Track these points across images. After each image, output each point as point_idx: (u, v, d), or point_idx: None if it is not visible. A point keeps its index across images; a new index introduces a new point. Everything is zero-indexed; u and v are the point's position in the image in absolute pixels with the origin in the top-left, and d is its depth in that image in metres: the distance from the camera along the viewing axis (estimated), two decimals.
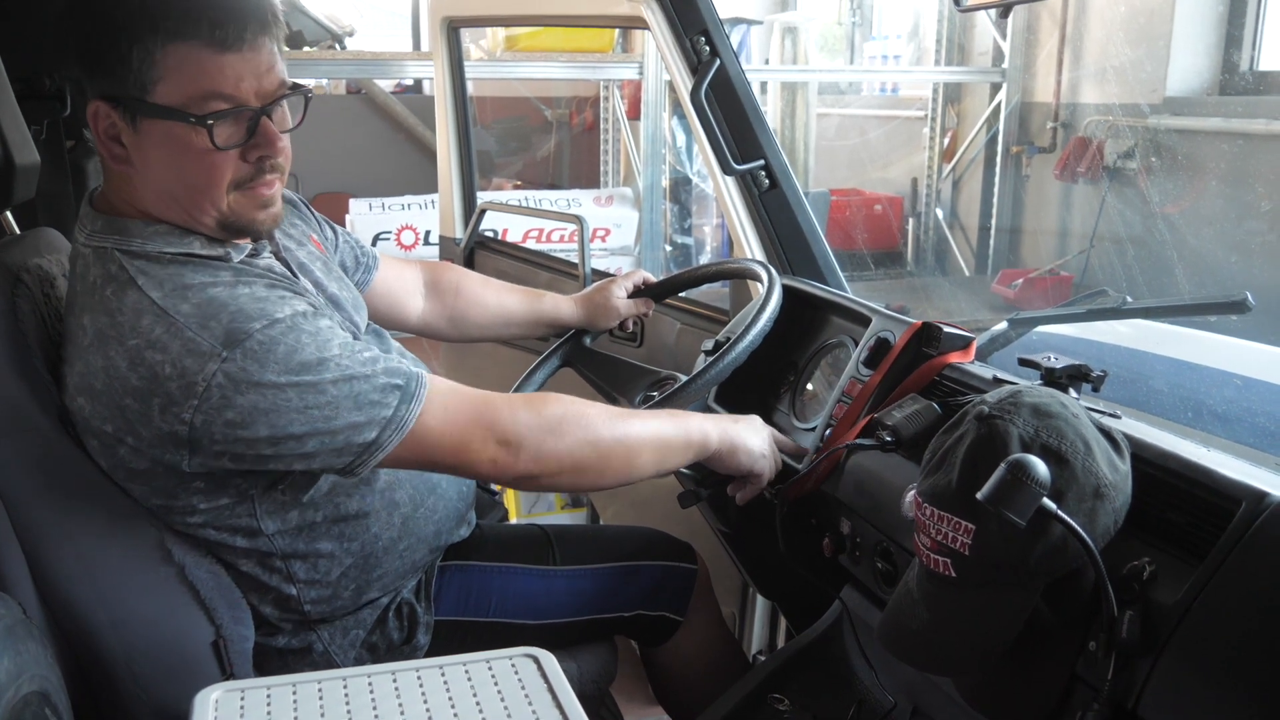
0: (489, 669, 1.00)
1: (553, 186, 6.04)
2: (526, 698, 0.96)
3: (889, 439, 1.23)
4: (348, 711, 0.94)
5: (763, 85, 5.70)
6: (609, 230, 5.07)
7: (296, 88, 1.16)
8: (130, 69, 1.09)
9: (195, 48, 1.08)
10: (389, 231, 4.88)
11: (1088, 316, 1.69)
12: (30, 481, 1.17)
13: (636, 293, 1.73)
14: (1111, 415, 1.08)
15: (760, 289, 1.50)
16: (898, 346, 1.38)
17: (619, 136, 5.71)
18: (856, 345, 1.47)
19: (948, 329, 1.35)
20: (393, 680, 0.99)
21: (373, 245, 4.95)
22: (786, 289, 1.55)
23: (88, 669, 1.20)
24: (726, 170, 1.74)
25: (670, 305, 1.97)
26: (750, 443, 1.36)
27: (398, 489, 1.33)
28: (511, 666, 1.01)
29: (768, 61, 5.98)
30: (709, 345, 1.54)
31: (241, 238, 1.22)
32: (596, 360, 1.69)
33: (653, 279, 1.75)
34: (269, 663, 1.34)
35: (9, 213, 1.81)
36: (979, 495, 0.90)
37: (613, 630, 1.54)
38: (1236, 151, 4.15)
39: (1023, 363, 1.19)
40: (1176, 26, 4.37)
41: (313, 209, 1.50)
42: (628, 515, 2.16)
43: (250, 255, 1.23)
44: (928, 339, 1.36)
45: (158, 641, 1.22)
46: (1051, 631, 0.97)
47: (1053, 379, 1.12)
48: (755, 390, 1.66)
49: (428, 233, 4.83)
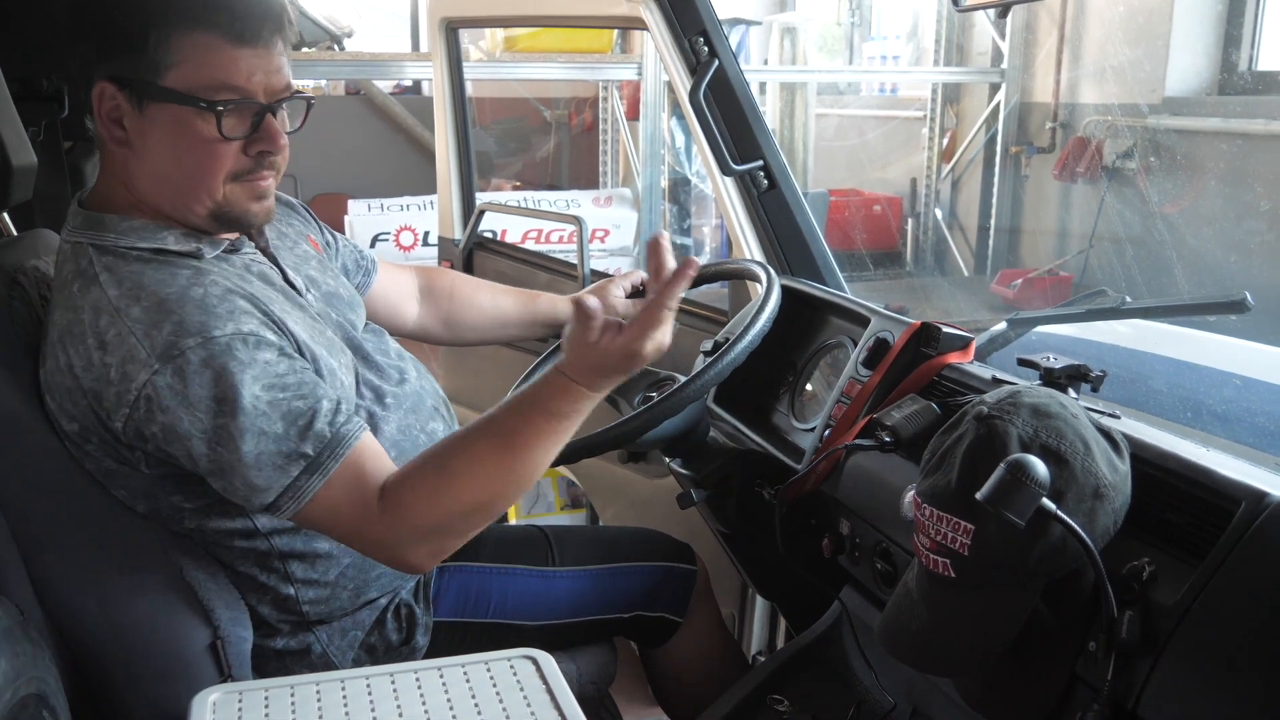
0: (487, 670, 1.00)
1: (552, 187, 6.04)
2: (525, 699, 0.96)
3: (888, 439, 1.23)
4: (346, 713, 0.94)
5: (761, 86, 5.70)
6: (608, 231, 5.07)
7: (299, 94, 1.19)
8: (146, 52, 1.10)
9: (214, 38, 1.11)
10: (388, 232, 4.87)
11: (1087, 316, 1.68)
12: (26, 484, 1.17)
13: (635, 293, 1.72)
14: (1111, 415, 1.08)
15: (759, 289, 1.50)
16: (897, 347, 1.38)
17: (618, 137, 5.71)
18: (855, 346, 1.47)
19: (947, 329, 1.35)
20: (391, 682, 0.99)
21: (371, 246, 4.96)
22: (785, 289, 1.54)
23: (85, 671, 1.19)
24: (725, 171, 1.73)
25: None
26: (606, 369, 1.15)
27: None
28: (510, 668, 1.01)
29: (766, 62, 5.98)
30: (708, 346, 1.54)
31: (232, 230, 1.22)
32: None
33: None
34: (267, 664, 1.33)
35: (6, 214, 1.81)
36: (978, 495, 0.90)
37: (612, 631, 1.54)
38: (1236, 151, 4.15)
39: (1022, 363, 1.19)
40: (1175, 26, 4.37)
41: (310, 212, 1.51)
42: (627, 516, 2.15)
43: (228, 250, 1.23)
44: (927, 339, 1.36)
45: (155, 643, 1.21)
46: (1051, 632, 0.97)
47: (1052, 379, 1.12)
48: (754, 391, 1.66)
49: (426, 233, 4.83)
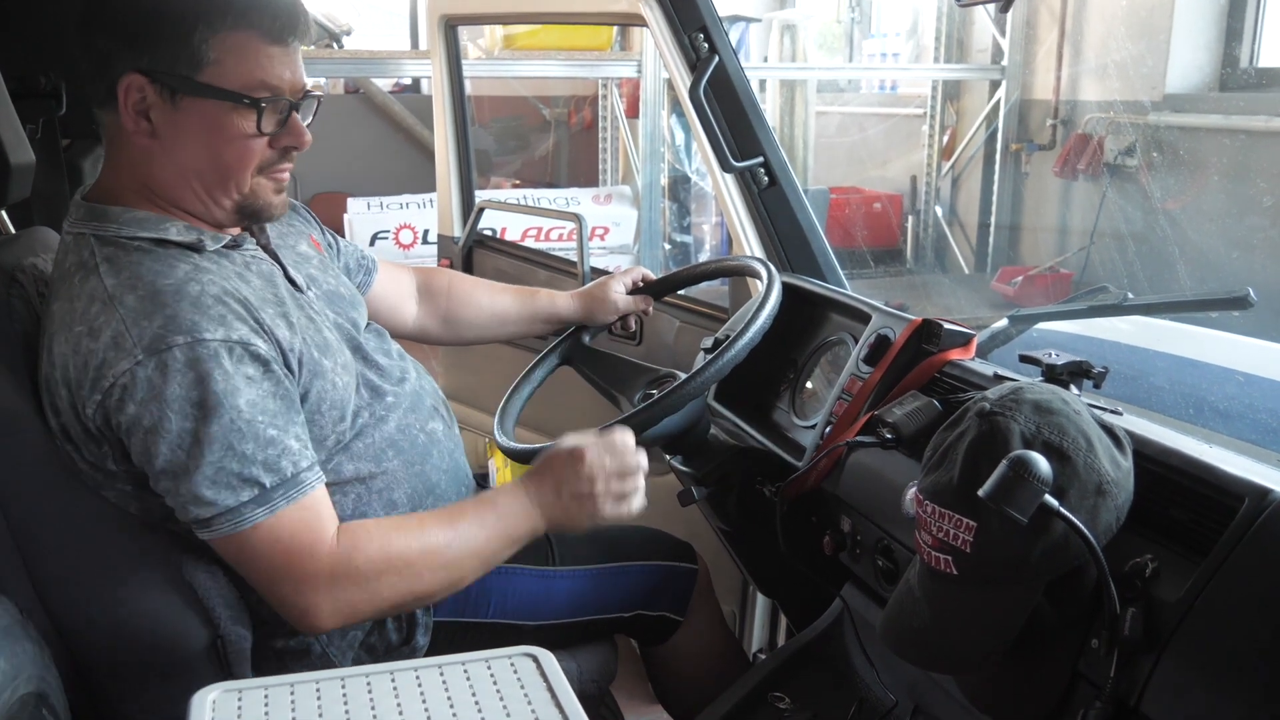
0: (488, 668, 1.00)
1: (551, 185, 6.04)
2: (526, 697, 0.96)
3: (889, 436, 1.23)
4: (346, 712, 0.93)
5: (761, 83, 5.69)
6: (608, 229, 5.07)
7: (313, 92, 1.23)
8: (189, 48, 1.13)
9: (254, 37, 1.15)
10: (387, 230, 4.87)
11: (1089, 313, 1.68)
12: (25, 482, 1.16)
13: (635, 290, 1.72)
14: (1113, 412, 1.07)
15: (759, 286, 1.49)
16: (898, 343, 1.37)
17: (617, 135, 5.71)
18: (856, 342, 1.47)
19: (948, 326, 1.34)
20: (391, 680, 0.98)
21: (371, 245, 4.96)
22: (786, 286, 1.54)
23: (85, 670, 1.19)
24: (725, 168, 1.73)
25: (669, 303, 1.96)
26: (574, 525, 1.28)
27: (396, 489, 1.33)
28: (511, 666, 1.00)
29: (766, 59, 5.98)
30: (708, 343, 1.54)
31: (252, 221, 1.26)
32: (595, 358, 1.68)
33: (652, 276, 1.74)
34: (267, 663, 1.33)
35: (4, 212, 1.81)
36: (981, 492, 0.90)
37: (613, 630, 1.54)
38: (1238, 147, 4.14)
39: (1024, 359, 1.19)
40: (1176, 22, 4.36)
41: (311, 213, 1.52)
42: None
43: (230, 246, 1.24)
44: (928, 336, 1.36)
45: (155, 642, 1.21)
46: (1053, 629, 0.96)
47: (1054, 376, 1.12)
48: (755, 388, 1.66)
49: (426, 232, 4.83)
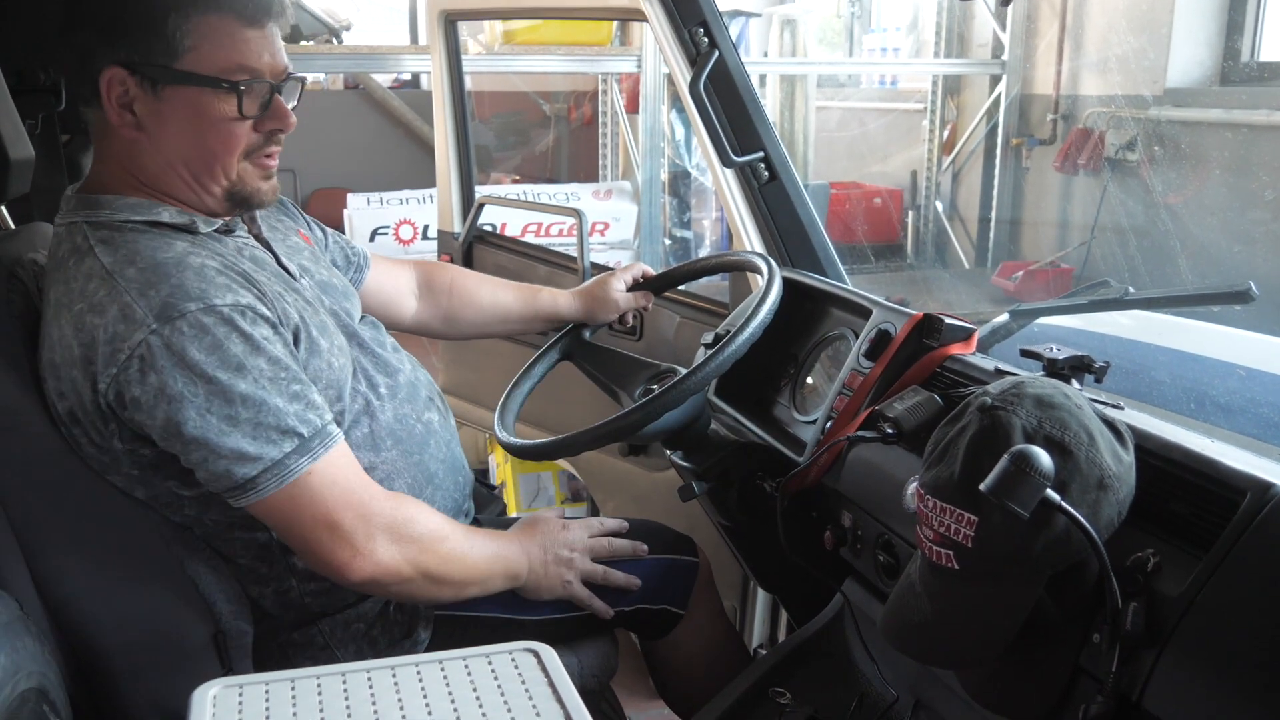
0: (489, 663, 1.00)
1: (551, 181, 6.03)
2: (527, 692, 0.96)
3: (890, 431, 1.23)
4: (347, 706, 0.93)
5: (761, 78, 5.68)
6: (608, 224, 5.06)
7: (295, 74, 1.24)
8: (164, 36, 1.13)
9: (228, 20, 1.15)
10: (387, 226, 4.86)
11: (1090, 307, 1.67)
12: (25, 477, 1.16)
13: (635, 286, 1.72)
14: (1114, 406, 1.07)
15: (760, 281, 1.49)
16: (899, 338, 1.37)
17: (617, 130, 5.70)
18: (857, 337, 1.47)
19: (949, 320, 1.34)
20: (392, 675, 0.98)
21: (371, 241, 4.95)
22: (786, 281, 1.54)
23: (86, 665, 1.19)
24: (726, 163, 1.73)
25: (670, 298, 1.96)
26: (548, 583, 1.39)
27: (396, 479, 1.33)
28: (511, 661, 1.00)
29: (766, 54, 5.97)
30: (709, 338, 1.54)
31: (242, 209, 1.26)
32: (596, 354, 1.68)
33: (652, 272, 1.74)
34: (269, 657, 1.33)
35: (3, 207, 1.80)
36: (982, 487, 0.90)
37: (614, 624, 1.54)
38: (1240, 141, 4.13)
39: (1025, 354, 1.19)
40: (1177, 16, 4.35)
41: (299, 209, 1.53)
42: (629, 509, 2.15)
43: (222, 231, 1.24)
44: (929, 331, 1.36)
45: (156, 636, 1.21)
46: (1055, 624, 0.96)
47: (1055, 370, 1.12)
48: (755, 383, 1.65)
49: (426, 227, 4.82)
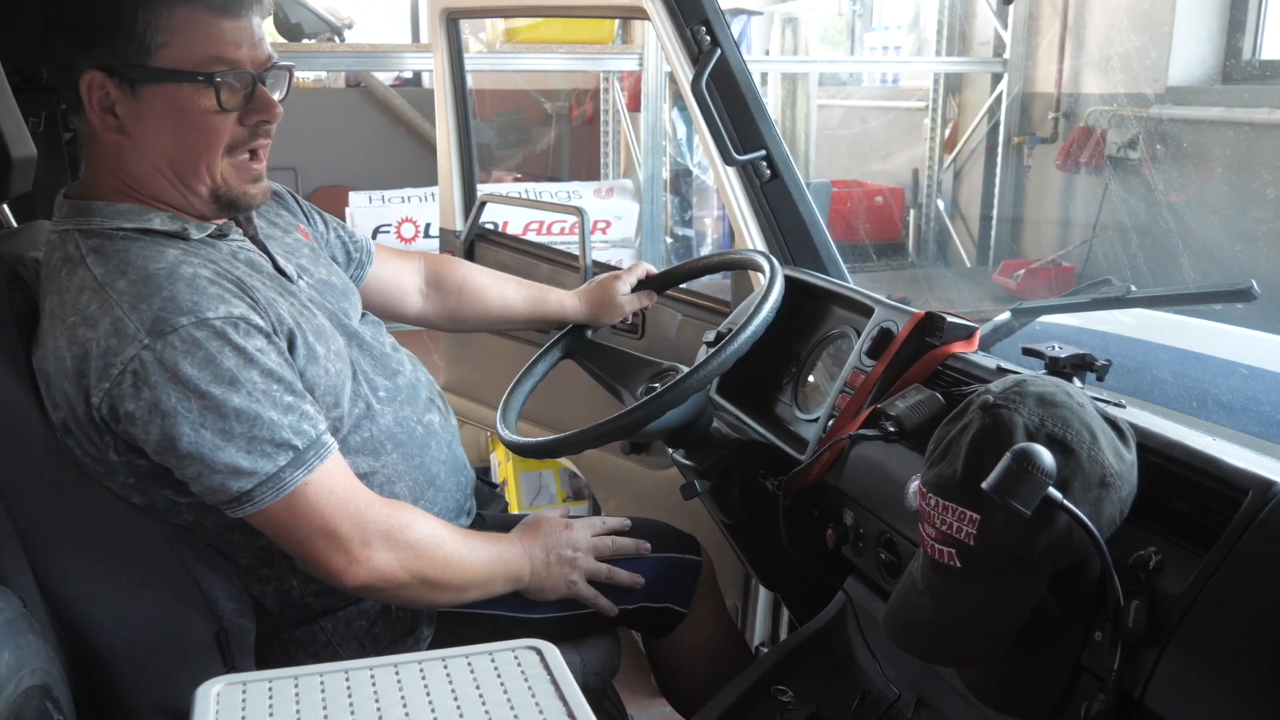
0: (492, 661, 1.00)
1: (553, 179, 6.03)
2: (529, 690, 0.96)
3: (892, 429, 1.23)
4: (350, 704, 0.94)
5: (763, 76, 5.68)
6: (610, 222, 5.06)
7: (281, 64, 1.21)
8: (134, 34, 1.11)
9: (198, 12, 1.13)
10: (389, 224, 4.87)
11: (1092, 306, 1.67)
12: (28, 476, 1.16)
13: (639, 285, 1.72)
14: (1116, 404, 1.07)
15: (762, 280, 1.49)
16: (900, 337, 1.37)
17: (619, 128, 5.70)
18: (859, 336, 1.47)
19: (951, 319, 1.34)
20: (395, 672, 0.98)
21: (373, 238, 4.95)
22: (788, 280, 1.54)
23: (89, 662, 1.19)
24: (728, 161, 1.73)
25: (672, 297, 1.96)
26: (552, 584, 1.39)
27: (397, 482, 1.33)
28: (514, 658, 1.01)
29: (768, 52, 5.96)
30: (711, 336, 1.54)
31: (230, 213, 1.24)
32: (598, 352, 1.68)
33: (654, 271, 1.74)
34: (272, 655, 1.33)
35: (5, 206, 1.81)
36: (984, 485, 0.90)
37: (616, 622, 1.54)
38: (1241, 139, 4.13)
39: (1027, 352, 1.19)
40: (1179, 15, 4.35)
41: (301, 201, 1.51)
42: (630, 508, 2.15)
43: (216, 235, 1.23)
44: (931, 329, 1.36)
45: (159, 634, 1.21)
46: (1057, 622, 0.96)
47: (1057, 368, 1.12)
48: (757, 381, 1.66)
49: (428, 225, 4.82)
